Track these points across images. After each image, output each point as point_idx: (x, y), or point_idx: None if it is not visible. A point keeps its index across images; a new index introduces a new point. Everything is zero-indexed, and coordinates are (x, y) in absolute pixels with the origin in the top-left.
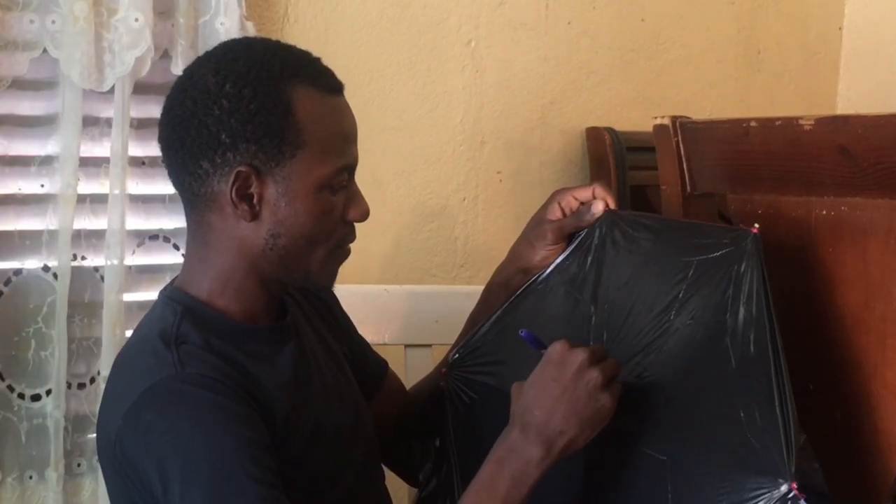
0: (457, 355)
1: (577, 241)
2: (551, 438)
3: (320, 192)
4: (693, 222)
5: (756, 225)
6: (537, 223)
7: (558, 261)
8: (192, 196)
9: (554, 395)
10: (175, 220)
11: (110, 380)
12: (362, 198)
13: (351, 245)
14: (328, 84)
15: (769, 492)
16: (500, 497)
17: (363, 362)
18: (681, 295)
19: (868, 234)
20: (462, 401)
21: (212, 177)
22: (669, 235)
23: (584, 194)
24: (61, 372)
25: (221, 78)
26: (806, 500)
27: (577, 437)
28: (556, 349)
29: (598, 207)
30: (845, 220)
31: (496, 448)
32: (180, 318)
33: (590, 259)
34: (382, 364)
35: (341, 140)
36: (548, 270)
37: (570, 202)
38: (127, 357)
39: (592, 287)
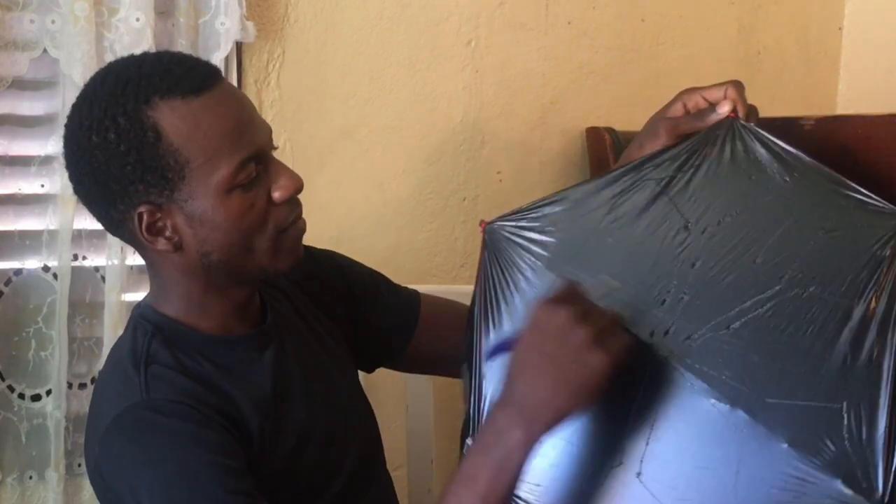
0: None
1: (688, 143)
2: (535, 413)
3: (229, 195)
4: (835, 176)
5: None
6: (653, 122)
7: (658, 152)
8: (124, 239)
9: (536, 365)
10: None
11: (91, 401)
12: (285, 173)
13: (303, 217)
14: (190, 86)
15: None
16: (479, 492)
17: (384, 315)
18: (803, 257)
19: None
20: (501, 259)
21: (125, 223)
22: (804, 179)
23: (716, 94)
24: (61, 372)
25: (87, 129)
26: None
27: (567, 407)
28: (537, 313)
29: (725, 108)
30: None
31: (482, 432)
32: (150, 337)
33: (697, 166)
34: (413, 301)
35: (228, 136)
36: (642, 161)
37: (697, 101)
38: (102, 379)
39: (691, 200)
